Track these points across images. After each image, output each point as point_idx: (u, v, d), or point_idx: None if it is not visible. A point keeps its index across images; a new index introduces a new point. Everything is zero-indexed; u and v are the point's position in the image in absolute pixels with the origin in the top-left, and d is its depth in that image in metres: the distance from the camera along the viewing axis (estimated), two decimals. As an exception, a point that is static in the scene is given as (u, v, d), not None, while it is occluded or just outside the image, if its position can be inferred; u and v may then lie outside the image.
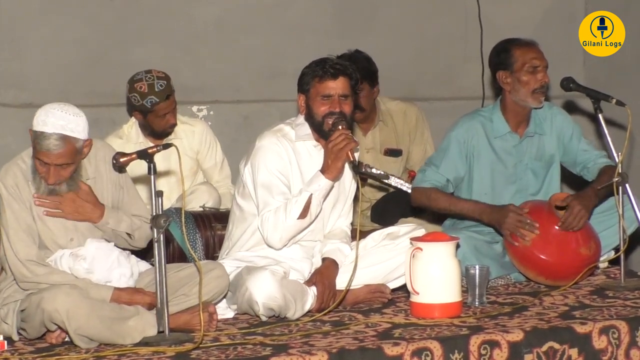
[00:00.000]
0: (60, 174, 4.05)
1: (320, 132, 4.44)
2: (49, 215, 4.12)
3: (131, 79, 5.27)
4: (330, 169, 4.36)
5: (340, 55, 5.54)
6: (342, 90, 4.41)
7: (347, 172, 4.52)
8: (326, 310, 4.36)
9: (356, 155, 4.48)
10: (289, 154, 4.47)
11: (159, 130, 5.33)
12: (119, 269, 4.14)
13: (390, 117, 5.81)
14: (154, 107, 5.21)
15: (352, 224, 4.70)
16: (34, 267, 4.04)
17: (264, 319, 4.32)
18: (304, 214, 4.35)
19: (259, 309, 4.27)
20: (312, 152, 4.50)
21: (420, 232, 4.57)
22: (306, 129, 4.50)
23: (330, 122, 4.38)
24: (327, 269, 4.45)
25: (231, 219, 4.65)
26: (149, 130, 5.35)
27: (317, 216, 4.42)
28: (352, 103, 4.46)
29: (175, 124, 5.35)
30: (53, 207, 4.12)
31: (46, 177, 4.05)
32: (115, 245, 4.23)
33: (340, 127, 4.35)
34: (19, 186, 4.09)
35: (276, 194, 4.40)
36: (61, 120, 4.00)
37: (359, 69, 5.38)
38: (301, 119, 4.52)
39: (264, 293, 4.24)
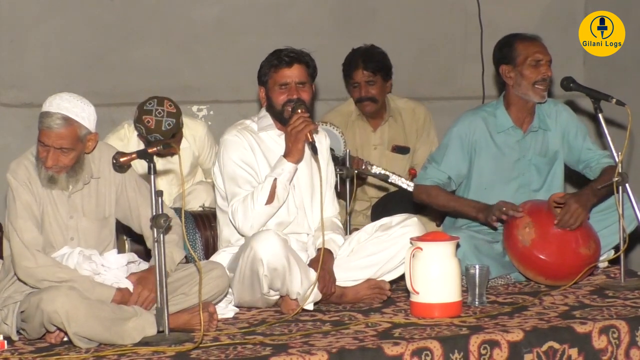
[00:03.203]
0: (59, 158, 4.04)
1: (282, 120, 4.53)
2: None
3: (142, 106, 5.16)
4: (291, 152, 4.44)
5: (357, 48, 5.73)
6: (298, 78, 4.51)
7: (321, 161, 4.57)
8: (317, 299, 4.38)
9: (327, 149, 4.61)
10: (251, 144, 4.55)
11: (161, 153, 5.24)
12: (128, 282, 4.15)
13: (399, 114, 5.88)
14: (157, 142, 5.12)
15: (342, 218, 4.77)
16: (40, 256, 4.03)
17: (265, 289, 4.32)
18: (270, 199, 4.43)
19: (263, 270, 4.28)
20: (278, 141, 4.57)
21: (413, 221, 4.58)
22: (268, 120, 4.60)
23: (290, 109, 4.46)
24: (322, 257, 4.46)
25: (218, 222, 4.71)
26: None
27: (285, 201, 4.48)
28: (310, 90, 4.56)
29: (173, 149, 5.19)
30: (149, 302, 4.07)
31: (45, 160, 4.05)
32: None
33: (299, 110, 4.43)
34: (31, 180, 4.10)
35: (242, 184, 4.48)
36: (67, 102, 4.04)
37: (374, 62, 5.65)
38: (263, 111, 4.62)
39: (269, 250, 4.27)
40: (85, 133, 4.07)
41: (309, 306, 4.38)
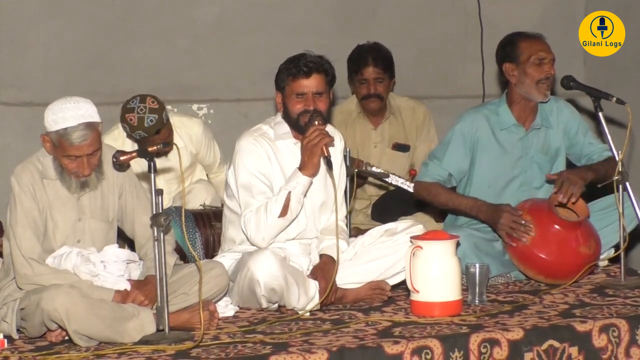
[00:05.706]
0: (91, 162, 4.08)
1: (298, 128, 4.47)
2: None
3: (125, 105, 5.14)
4: (307, 166, 4.40)
5: (362, 45, 5.72)
6: (316, 88, 4.44)
7: (335, 168, 4.52)
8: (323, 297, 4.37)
9: (342, 150, 4.58)
10: (267, 152, 4.49)
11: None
12: (127, 283, 4.15)
13: (399, 112, 5.88)
14: (144, 140, 5.11)
15: (345, 219, 4.75)
16: (36, 265, 4.04)
17: (265, 304, 4.31)
18: (284, 212, 4.39)
19: (260, 290, 4.27)
20: (294, 150, 4.52)
21: (418, 228, 4.57)
22: (285, 127, 4.53)
23: (306, 119, 4.41)
24: (326, 265, 4.46)
25: (224, 221, 4.69)
26: None
27: (298, 214, 4.44)
28: (328, 99, 4.48)
29: (171, 148, 5.09)
30: (149, 303, 4.07)
31: (80, 170, 4.06)
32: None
33: (315, 122, 4.38)
34: (35, 186, 4.10)
35: (256, 194, 4.43)
36: (78, 110, 4.03)
37: (383, 59, 5.60)
38: (279, 117, 4.56)
39: (265, 271, 4.24)
40: (101, 127, 4.11)
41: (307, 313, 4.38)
